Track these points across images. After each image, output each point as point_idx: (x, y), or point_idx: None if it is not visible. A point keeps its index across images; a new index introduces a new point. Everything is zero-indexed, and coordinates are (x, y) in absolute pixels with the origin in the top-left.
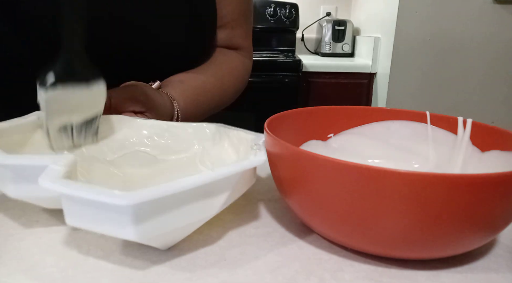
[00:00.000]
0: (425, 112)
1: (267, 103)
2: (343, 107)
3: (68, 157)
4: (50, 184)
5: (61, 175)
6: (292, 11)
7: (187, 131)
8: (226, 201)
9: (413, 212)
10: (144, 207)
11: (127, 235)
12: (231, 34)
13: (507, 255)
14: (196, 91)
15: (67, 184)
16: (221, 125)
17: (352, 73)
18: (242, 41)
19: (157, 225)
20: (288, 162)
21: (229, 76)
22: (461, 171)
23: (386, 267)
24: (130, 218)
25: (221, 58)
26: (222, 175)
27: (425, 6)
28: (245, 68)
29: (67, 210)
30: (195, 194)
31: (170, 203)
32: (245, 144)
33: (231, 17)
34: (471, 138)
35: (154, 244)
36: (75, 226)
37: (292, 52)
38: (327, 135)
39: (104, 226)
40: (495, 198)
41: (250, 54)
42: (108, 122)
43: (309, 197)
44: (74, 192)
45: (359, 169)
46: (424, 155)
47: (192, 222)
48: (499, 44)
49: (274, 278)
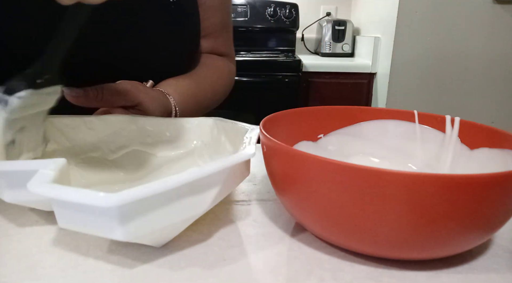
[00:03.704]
0: (413, 112)
1: (267, 103)
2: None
3: (59, 161)
4: (37, 188)
5: (50, 179)
6: (292, 11)
7: (186, 127)
8: (217, 196)
9: (406, 212)
10: (130, 207)
11: (115, 235)
12: (214, 43)
13: (507, 255)
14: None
15: (53, 188)
16: (218, 119)
17: (352, 73)
18: (224, 49)
19: (145, 224)
20: (282, 162)
21: (217, 77)
22: (450, 169)
23: (386, 267)
24: (116, 219)
25: (208, 61)
26: (209, 171)
27: (425, 6)
28: (230, 71)
29: (58, 213)
30: (181, 191)
31: (156, 202)
32: (240, 137)
33: (214, 28)
34: (460, 137)
35: (146, 242)
36: (67, 229)
37: (292, 52)
38: (317, 136)
39: (93, 228)
40: (491, 198)
41: (233, 59)
42: (106, 123)
43: (303, 198)
44: (60, 196)
45: (353, 170)
46: (413, 153)
47: (182, 219)
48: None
49: (274, 278)
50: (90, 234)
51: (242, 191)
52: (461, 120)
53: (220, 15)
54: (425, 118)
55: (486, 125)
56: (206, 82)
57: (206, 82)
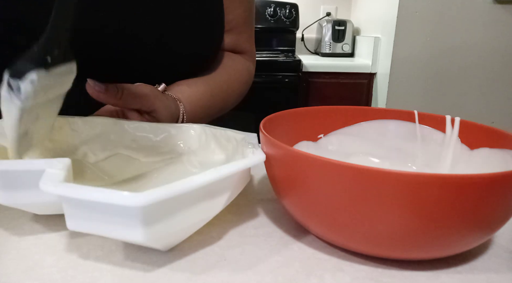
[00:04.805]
0: (413, 112)
1: (267, 103)
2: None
3: (64, 161)
4: (53, 188)
5: (62, 179)
6: (292, 11)
7: (172, 133)
8: (227, 200)
9: (406, 212)
10: (154, 208)
11: (134, 237)
12: (237, 39)
13: (506, 255)
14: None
15: (71, 187)
16: (207, 126)
17: (352, 73)
18: (246, 45)
19: (165, 226)
20: (283, 163)
21: (235, 81)
22: (450, 169)
23: (386, 267)
24: (139, 220)
25: (229, 63)
26: (228, 172)
27: (425, 6)
28: (249, 73)
29: (69, 214)
30: (202, 193)
31: (179, 203)
32: (234, 143)
33: (238, 22)
34: (460, 137)
35: (158, 246)
36: (77, 230)
37: (292, 52)
38: (317, 136)
39: (110, 230)
40: (491, 198)
41: (253, 58)
42: (90, 125)
43: (303, 198)
44: (80, 195)
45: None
46: (413, 153)
47: (196, 221)
48: (499, 44)
49: (274, 278)
50: (103, 235)
51: (242, 191)
52: (461, 120)
53: (244, 8)
54: (425, 118)
55: (486, 125)
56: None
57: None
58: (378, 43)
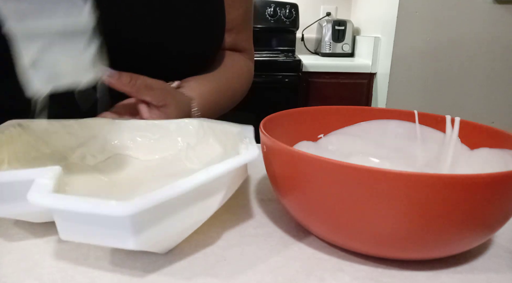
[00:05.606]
0: (413, 112)
1: (267, 103)
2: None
3: (54, 169)
4: (40, 200)
5: (51, 189)
6: (292, 11)
7: (170, 129)
8: (223, 199)
9: (406, 212)
10: (143, 215)
11: (126, 245)
12: (237, 38)
13: (506, 255)
14: (211, 94)
15: (58, 198)
16: (205, 120)
17: (352, 73)
18: (245, 44)
19: (157, 232)
20: (282, 162)
21: (237, 79)
22: (450, 169)
23: (386, 267)
24: (129, 228)
25: (230, 62)
26: (218, 172)
27: (425, 6)
28: (250, 71)
29: (60, 225)
30: (193, 195)
31: (169, 208)
32: (231, 138)
33: (237, 21)
34: (460, 137)
35: (154, 250)
36: (70, 240)
37: (292, 52)
38: (317, 136)
39: (101, 239)
40: (491, 198)
41: (252, 56)
42: (87, 127)
43: (303, 198)
44: (67, 206)
45: (353, 170)
46: (413, 153)
47: (190, 224)
48: (499, 44)
49: (274, 278)
50: (98, 245)
51: (242, 191)
52: (461, 120)
53: (244, 8)
54: (425, 118)
55: (486, 125)
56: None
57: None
58: (378, 43)
